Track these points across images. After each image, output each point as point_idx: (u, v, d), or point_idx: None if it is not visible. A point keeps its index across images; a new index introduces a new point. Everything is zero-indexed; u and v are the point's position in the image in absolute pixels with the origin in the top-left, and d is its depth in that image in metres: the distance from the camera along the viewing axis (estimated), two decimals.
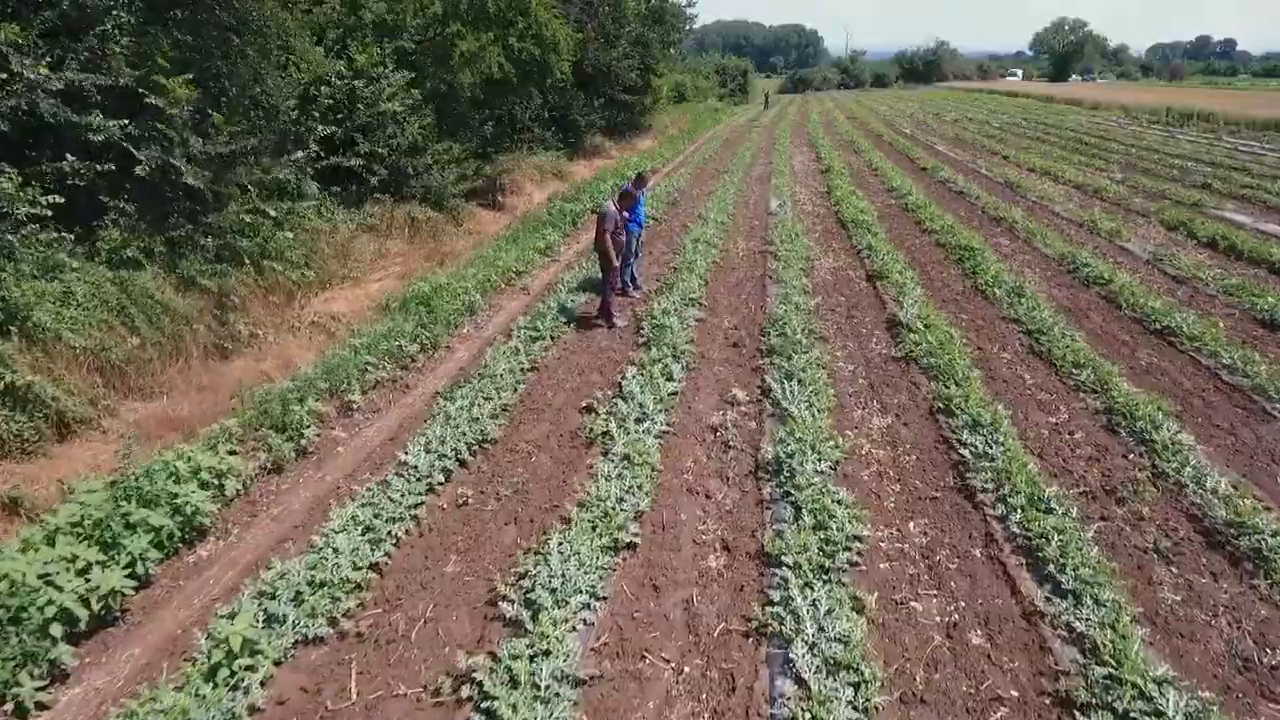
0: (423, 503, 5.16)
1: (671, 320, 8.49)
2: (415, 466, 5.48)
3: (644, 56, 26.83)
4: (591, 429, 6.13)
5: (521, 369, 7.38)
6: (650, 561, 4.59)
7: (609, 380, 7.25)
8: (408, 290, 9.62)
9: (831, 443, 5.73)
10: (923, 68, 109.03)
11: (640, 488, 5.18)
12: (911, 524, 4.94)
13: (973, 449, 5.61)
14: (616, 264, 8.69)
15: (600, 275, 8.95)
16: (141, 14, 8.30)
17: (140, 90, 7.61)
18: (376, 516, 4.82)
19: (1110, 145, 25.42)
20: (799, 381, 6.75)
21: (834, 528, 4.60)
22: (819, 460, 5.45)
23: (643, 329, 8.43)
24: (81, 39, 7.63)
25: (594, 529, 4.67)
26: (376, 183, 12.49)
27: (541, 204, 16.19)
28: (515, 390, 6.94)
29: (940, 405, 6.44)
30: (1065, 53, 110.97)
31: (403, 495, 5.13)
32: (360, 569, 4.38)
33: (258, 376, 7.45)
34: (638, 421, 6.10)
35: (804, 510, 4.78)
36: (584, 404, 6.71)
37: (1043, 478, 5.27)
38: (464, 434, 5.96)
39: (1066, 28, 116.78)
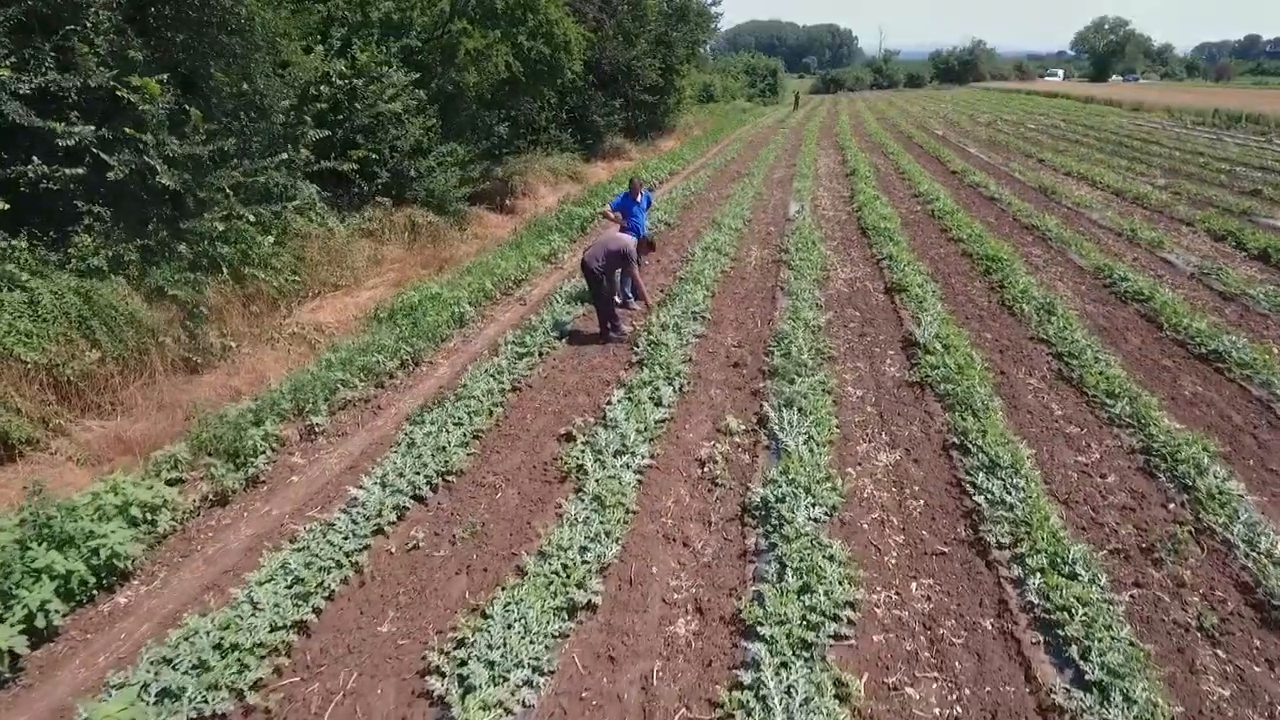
0: (367, 547, 4.67)
1: (669, 337, 7.93)
2: (364, 504, 4.99)
3: (666, 56, 26.25)
4: (567, 461, 5.60)
5: (501, 390, 6.86)
6: (610, 625, 4.04)
7: (596, 403, 6.72)
8: (396, 300, 9.18)
9: (829, 484, 5.13)
10: (958, 68, 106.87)
11: (610, 534, 4.63)
12: (914, 585, 4.33)
13: (988, 495, 4.97)
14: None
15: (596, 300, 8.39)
16: (123, 10, 7.97)
17: (115, 91, 7.24)
18: (309, 565, 4.32)
19: (1152, 148, 24.28)
20: (799, 410, 6.15)
21: (822, 591, 4.01)
22: (813, 505, 4.86)
23: (638, 346, 7.88)
24: (50, 39, 7.28)
25: (549, 585, 4.13)
26: (379, 186, 12.12)
27: (553, 207, 15.72)
28: (491, 414, 6.43)
29: (955, 440, 5.80)
30: (1106, 52, 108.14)
31: (345, 538, 4.64)
32: (281, 628, 3.89)
33: (225, 394, 7.06)
34: (617, 454, 5.55)
35: (789, 569, 4.19)
36: (564, 430, 6.17)
37: (1068, 531, 4.63)
38: (426, 465, 5.46)
39: (1107, 27, 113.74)
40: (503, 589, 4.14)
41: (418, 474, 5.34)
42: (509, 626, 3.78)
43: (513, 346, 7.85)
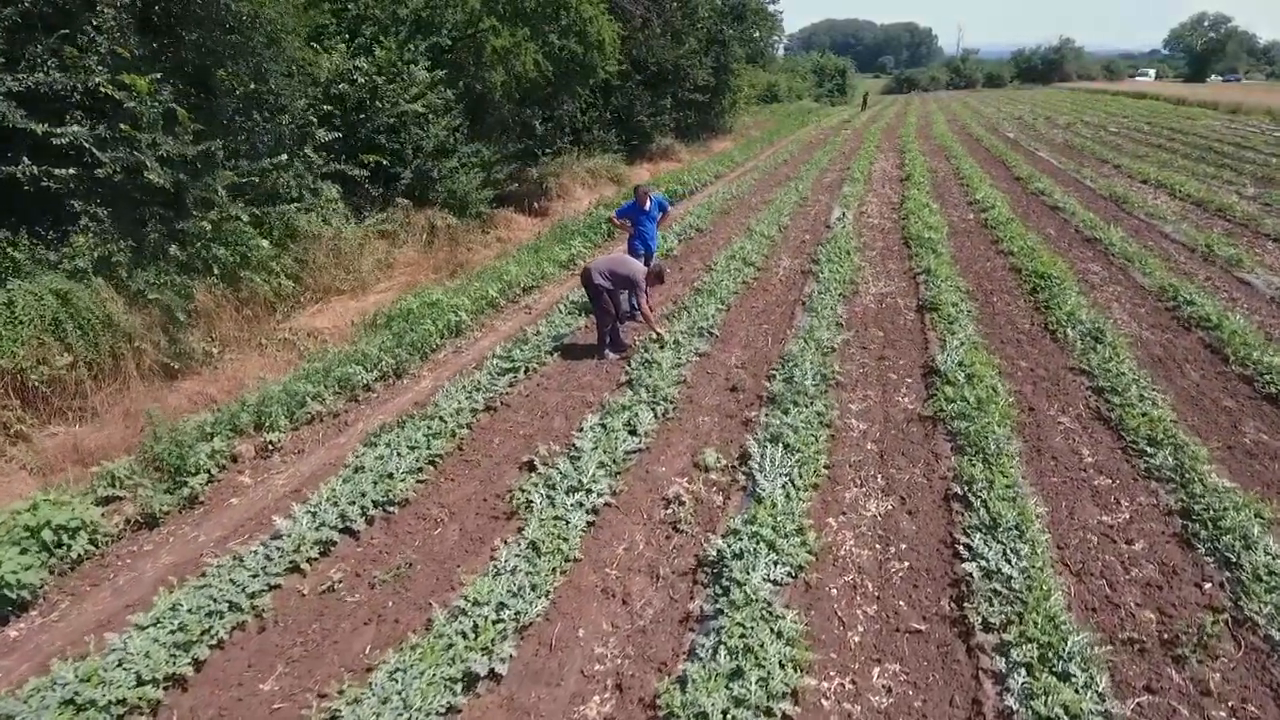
0: (277, 587, 4.29)
1: (665, 355, 7.38)
2: (287, 536, 4.61)
3: (720, 55, 25.55)
4: (518, 496, 5.12)
5: (473, 409, 6.44)
6: (511, 702, 3.53)
7: (573, 427, 6.22)
8: (394, 307, 8.89)
9: (800, 538, 4.52)
10: (1042, 67, 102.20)
11: (538, 587, 4.13)
12: (877, 671, 3.69)
13: (983, 562, 4.27)
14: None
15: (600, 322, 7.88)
16: (129, 9, 7.88)
17: (112, 90, 7.13)
18: (198, 609, 3.95)
19: (1246, 154, 22.33)
20: (785, 446, 5.52)
21: (756, 677, 3.42)
22: (775, 564, 4.26)
23: (630, 364, 7.36)
24: (47, 38, 7.22)
25: (448, 649, 3.65)
26: (403, 187, 11.92)
27: (586, 210, 15.30)
28: (454, 436, 6.00)
29: (959, 489, 5.08)
30: (1205, 51, 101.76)
31: (254, 575, 4.27)
32: (149, 683, 3.52)
33: (199, 402, 6.86)
34: (571, 491, 5.04)
35: (724, 645, 3.61)
36: (529, 458, 5.70)
37: (1073, 613, 3.91)
38: (365, 494, 5.06)
39: (1206, 24, 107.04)
40: (396, 650, 3.69)
41: (353, 503, 4.95)
42: (386, 701, 3.32)
43: (498, 361, 7.43)
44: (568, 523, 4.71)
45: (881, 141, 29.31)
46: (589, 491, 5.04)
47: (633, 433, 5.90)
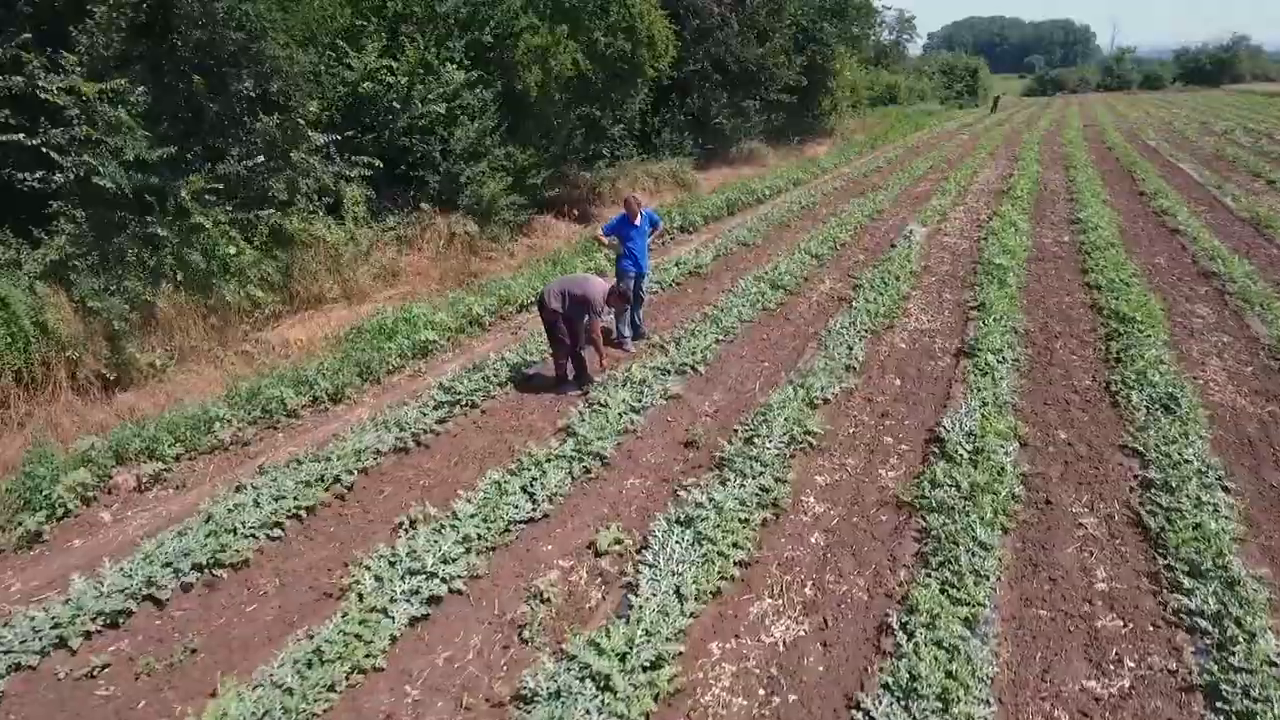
0: (28, 667, 3.68)
1: (621, 395, 6.42)
2: (78, 599, 4.02)
3: (816, 54, 23.95)
4: (356, 571, 4.32)
5: (379, 450, 5.71)
6: None
7: (487, 481, 5.37)
8: (369, 321, 8.35)
9: (654, 674, 3.48)
10: (1209, 67, 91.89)
11: (292, 712, 3.31)
12: None
13: None
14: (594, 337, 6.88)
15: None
16: (125, 13, 7.72)
17: (54, 96, 6.95)
18: None
19: None
20: (696, 533, 4.46)
21: None
22: (600, 713, 3.25)
23: (579, 405, 6.44)
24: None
25: None
26: (432, 191, 11.48)
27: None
28: (338, 483, 5.28)
29: (901, 620, 3.86)
30: None
31: (7, 651, 3.68)
32: None
33: (125, 418, 6.50)
34: (410, 574, 4.19)
35: None
36: (408, 518, 4.90)
37: None
38: (191, 552, 4.42)
39: None
40: None
41: (169, 565, 4.31)
42: None
43: (438, 392, 6.69)
44: (385, 616, 3.88)
45: (997, 148, 26.73)
46: (432, 576, 4.17)
47: (531, 498, 4.98)
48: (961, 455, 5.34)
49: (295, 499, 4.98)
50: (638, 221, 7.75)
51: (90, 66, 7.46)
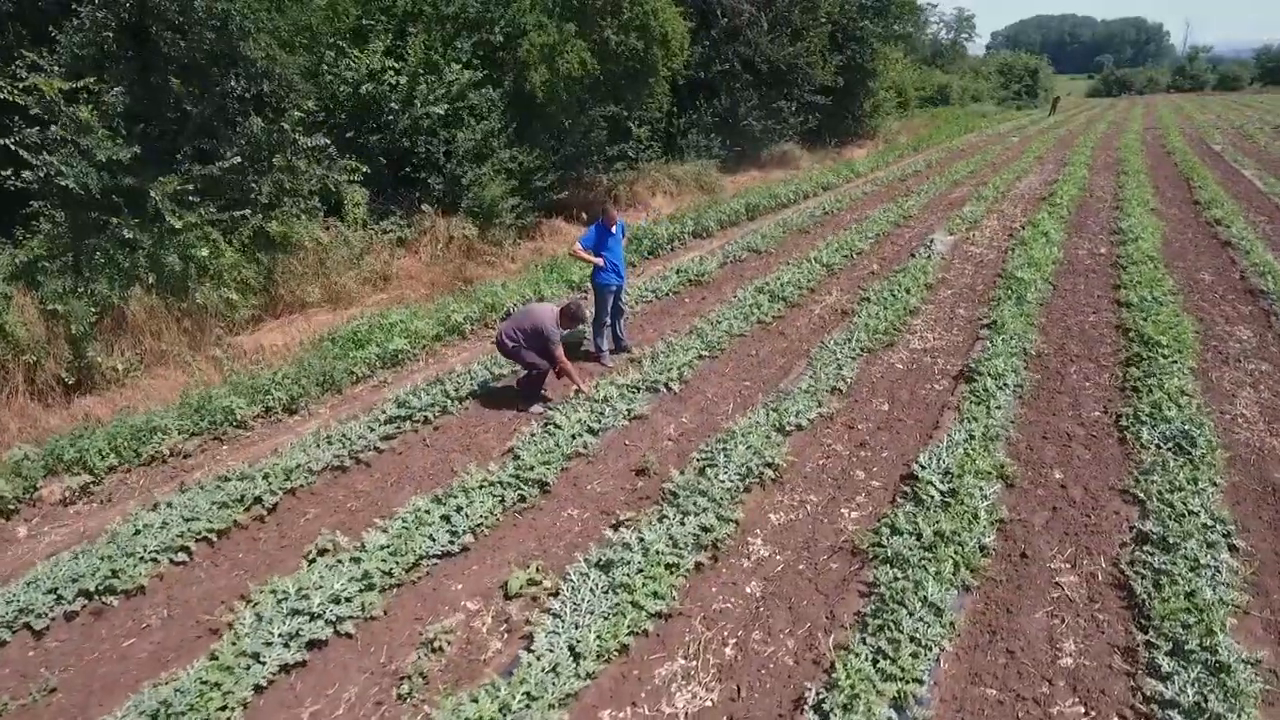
0: None
1: (577, 416, 6.04)
2: None
3: (856, 54, 23.15)
4: (239, 608, 4.03)
5: (313, 468, 5.43)
6: None
7: (423, 506, 5.05)
8: (346, 327, 8.13)
9: None
10: None
11: None
12: None
13: None
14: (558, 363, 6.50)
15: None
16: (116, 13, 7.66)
17: (15, 96, 6.89)
18: None
19: None
20: (612, 580, 4.05)
21: None
22: None
23: (525, 431, 6.07)
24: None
25: None
26: (436, 193, 11.29)
27: (654, 221, 13.99)
28: (259, 504, 5.02)
29: (814, 691, 3.38)
30: None
31: None
32: None
33: (77, 421, 6.37)
34: (292, 615, 3.87)
35: None
36: (324, 545, 4.60)
37: None
38: (78, 579, 4.18)
39: None
40: None
41: (53, 591, 4.09)
42: None
43: (391, 405, 6.40)
44: (256, 662, 3.56)
45: (1046, 152, 25.52)
46: (316, 617, 3.85)
47: (451, 530, 4.63)
48: (932, 496, 4.81)
49: (208, 521, 4.72)
50: (614, 229, 7.36)
51: (70, 67, 7.42)
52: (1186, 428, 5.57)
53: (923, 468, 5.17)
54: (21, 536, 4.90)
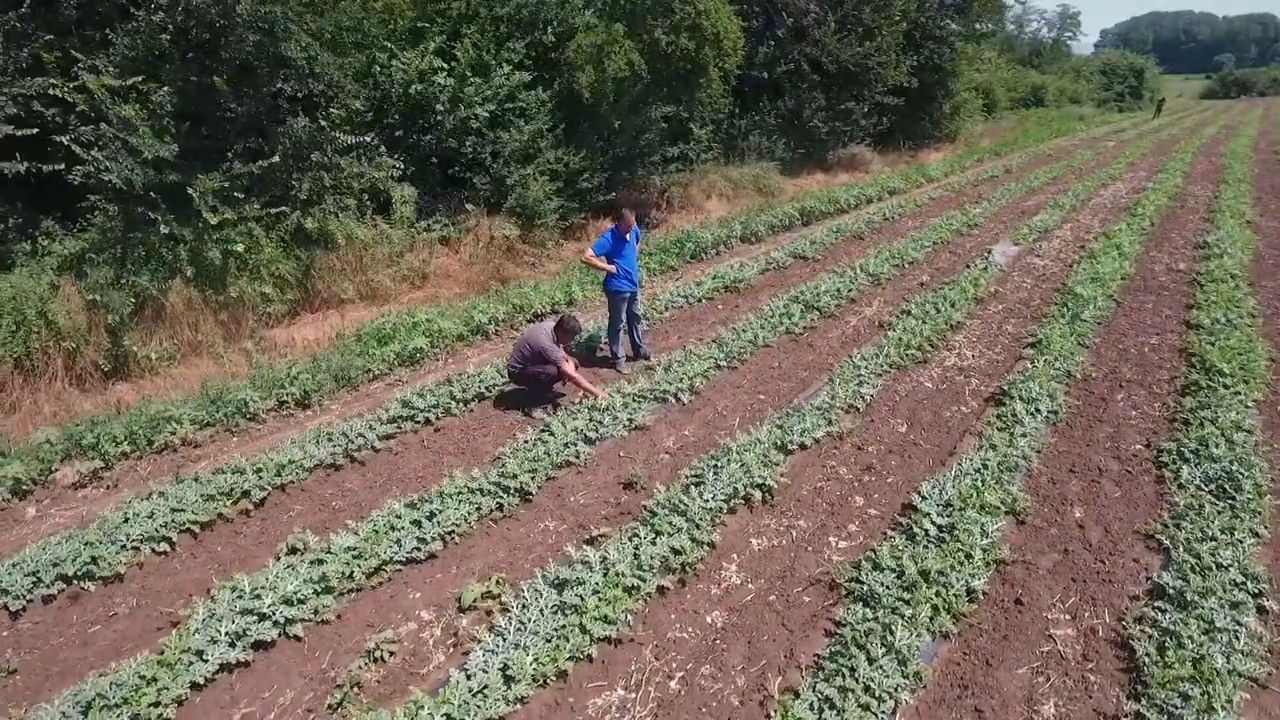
0: None
1: (574, 424, 5.93)
2: None
3: (934, 53, 22.23)
4: (196, 604, 4.08)
5: (306, 465, 5.50)
6: None
7: (398, 509, 5.05)
8: (374, 324, 8.26)
9: None
10: None
11: None
12: None
13: None
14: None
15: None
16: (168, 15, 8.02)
17: (66, 94, 7.28)
18: None
19: None
20: (563, 601, 3.91)
21: None
22: None
23: (520, 437, 5.99)
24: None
25: None
26: (483, 194, 11.40)
27: (704, 224, 13.75)
28: (246, 498, 5.10)
29: None
30: None
31: None
32: None
33: (109, 407, 6.67)
34: (243, 614, 3.89)
35: None
36: (296, 544, 4.64)
37: None
38: (62, 561, 4.33)
39: None
40: None
41: (34, 574, 4.24)
42: None
43: (398, 405, 6.44)
44: (199, 659, 3.59)
45: (1141, 158, 23.92)
46: (264, 618, 3.86)
47: (420, 536, 4.59)
48: (926, 530, 4.48)
49: (193, 513, 4.83)
50: (629, 237, 7.22)
51: (123, 68, 7.79)
52: (1233, 468, 5.02)
53: (923, 498, 4.83)
54: (29, 517, 5.14)
